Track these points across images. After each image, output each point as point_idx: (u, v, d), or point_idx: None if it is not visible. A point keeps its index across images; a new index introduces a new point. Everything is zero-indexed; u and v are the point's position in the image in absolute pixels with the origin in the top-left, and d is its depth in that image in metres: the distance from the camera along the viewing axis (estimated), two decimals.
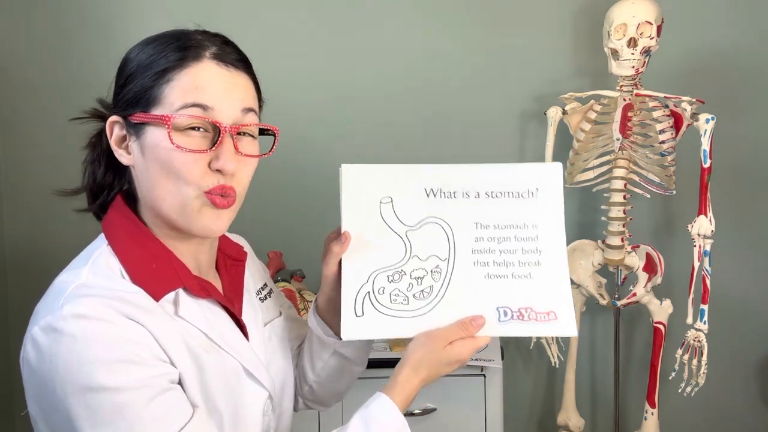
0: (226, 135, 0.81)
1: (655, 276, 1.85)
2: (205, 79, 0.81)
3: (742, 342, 2.20)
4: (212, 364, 0.85)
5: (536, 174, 1.00)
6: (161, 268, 0.84)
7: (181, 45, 0.83)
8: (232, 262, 0.99)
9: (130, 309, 0.78)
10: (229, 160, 0.81)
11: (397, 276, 0.94)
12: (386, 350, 1.70)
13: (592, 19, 2.07)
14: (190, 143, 0.80)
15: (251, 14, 2.09)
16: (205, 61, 0.82)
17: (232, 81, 0.83)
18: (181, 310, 0.84)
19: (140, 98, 0.82)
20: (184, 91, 0.80)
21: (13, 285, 2.12)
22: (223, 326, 0.89)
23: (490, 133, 2.15)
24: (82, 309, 0.75)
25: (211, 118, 0.81)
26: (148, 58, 0.83)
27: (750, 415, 2.23)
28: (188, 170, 0.80)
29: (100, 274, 0.82)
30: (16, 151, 2.10)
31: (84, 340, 0.74)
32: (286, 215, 2.12)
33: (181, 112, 0.80)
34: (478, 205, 0.97)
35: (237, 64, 0.85)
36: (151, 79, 0.82)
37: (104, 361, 0.74)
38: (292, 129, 2.11)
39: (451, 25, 2.12)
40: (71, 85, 2.09)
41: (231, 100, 0.82)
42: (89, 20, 2.08)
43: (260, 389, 0.92)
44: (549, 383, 2.23)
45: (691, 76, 2.11)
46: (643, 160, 1.84)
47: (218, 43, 0.85)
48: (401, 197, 0.98)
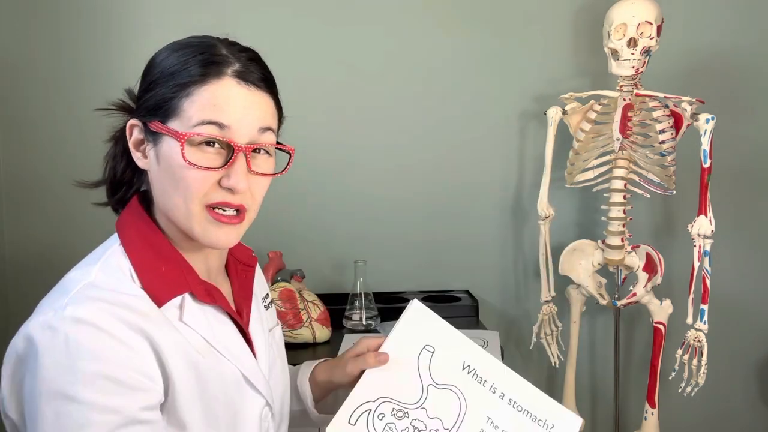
0: (239, 154, 0.82)
1: (655, 276, 1.85)
2: (224, 98, 0.81)
3: (742, 342, 2.20)
4: (211, 370, 0.85)
5: (559, 414, 1.03)
6: (170, 272, 0.85)
7: (206, 59, 0.83)
8: (243, 267, 1.00)
9: (133, 316, 0.78)
10: (241, 180, 0.81)
11: (401, 414, 0.98)
12: None
13: (592, 19, 2.07)
14: (202, 159, 0.81)
15: (253, 16, 2.09)
16: (226, 78, 0.82)
17: (251, 100, 0.83)
18: (185, 316, 0.84)
19: (160, 107, 0.83)
20: (203, 107, 0.81)
21: (13, 285, 2.12)
22: (225, 333, 0.89)
23: (490, 133, 2.15)
24: (83, 313, 0.75)
25: (226, 137, 0.81)
26: (171, 66, 0.83)
27: (750, 415, 2.23)
28: (197, 186, 0.81)
29: (110, 274, 0.82)
30: (17, 151, 2.10)
31: (76, 347, 0.74)
32: (286, 215, 2.12)
33: (197, 129, 0.80)
34: (499, 406, 1.01)
35: (259, 83, 0.85)
36: (172, 91, 0.82)
37: (88, 374, 0.73)
38: (292, 130, 2.12)
39: (451, 25, 2.12)
40: (72, 85, 2.08)
41: (248, 120, 0.82)
42: (93, 19, 2.07)
43: (258, 397, 0.91)
44: (549, 383, 2.23)
45: (691, 76, 2.11)
46: (643, 160, 1.84)
47: (243, 60, 0.85)
48: (442, 355, 1.03)
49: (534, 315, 2.11)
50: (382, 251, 2.15)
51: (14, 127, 2.09)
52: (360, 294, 1.90)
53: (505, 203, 2.17)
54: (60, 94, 2.08)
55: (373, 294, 1.93)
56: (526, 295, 2.20)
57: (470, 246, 2.17)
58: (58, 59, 2.08)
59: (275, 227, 2.11)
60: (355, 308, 1.90)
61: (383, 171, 2.15)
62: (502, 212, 2.17)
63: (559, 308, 2.01)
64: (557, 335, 1.99)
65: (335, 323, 1.87)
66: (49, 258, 2.09)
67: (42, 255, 2.11)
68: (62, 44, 2.08)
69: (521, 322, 2.20)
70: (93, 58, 2.07)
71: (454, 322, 1.91)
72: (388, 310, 1.97)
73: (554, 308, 1.96)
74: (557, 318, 1.98)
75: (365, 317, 1.89)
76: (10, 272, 2.12)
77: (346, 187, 2.15)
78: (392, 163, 2.15)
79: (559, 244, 2.03)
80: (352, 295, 1.91)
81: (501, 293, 2.20)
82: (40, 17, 2.07)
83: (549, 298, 1.96)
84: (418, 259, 2.17)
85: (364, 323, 1.88)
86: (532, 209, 2.13)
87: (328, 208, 2.15)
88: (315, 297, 1.85)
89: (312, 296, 1.85)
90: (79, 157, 2.06)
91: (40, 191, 2.10)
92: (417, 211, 2.16)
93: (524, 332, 2.20)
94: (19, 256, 2.12)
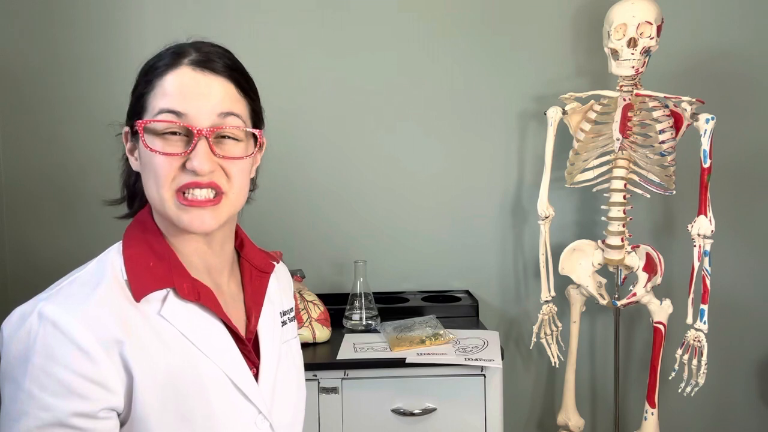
0: (200, 138, 0.83)
1: (655, 276, 1.85)
2: (178, 85, 0.84)
3: (742, 342, 2.20)
4: (184, 366, 0.84)
5: None
6: (158, 267, 0.87)
7: (170, 53, 0.87)
8: (258, 273, 1.00)
9: (104, 316, 0.80)
10: (204, 162, 0.82)
11: None
12: (386, 350, 1.70)
13: (592, 19, 2.07)
14: (165, 146, 0.83)
15: (253, 18, 2.10)
16: (183, 67, 0.85)
17: (207, 85, 0.85)
18: (164, 310, 0.85)
19: (136, 108, 0.87)
20: (161, 96, 0.84)
21: (13, 285, 2.12)
22: (211, 332, 0.88)
23: (490, 133, 2.15)
24: (49, 311, 0.79)
25: (184, 123, 0.83)
26: (145, 69, 0.88)
27: (750, 415, 2.23)
28: (163, 171, 0.83)
29: (100, 269, 0.86)
30: (17, 151, 2.10)
31: (34, 340, 0.77)
32: (286, 215, 2.12)
33: (157, 117, 0.83)
34: None
35: (217, 69, 0.86)
36: (143, 88, 0.87)
37: (35, 368, 0.77)
38: (293, 130, 2.13)
39: (451, 25, 2.12)
40: (73, 86, 2.09)
41: (206, 105, 0.84)
42: (96, 23, 2.07)
43: (247, 404, 0.89)
44: (549, 383, 2.23)
45: (691, 76, 2.11)
46: (643, 160, 1.84)
47: (205, 51, 0.87)
48: None
49: (534, 315, 2.11)
50: (382, 251, 2.15)
51: (15, 130, 2.09)
52: (360, 294, 1.90)
53: (505, 203, 2.17)
54: (63, 95, 2.09)
55: (373, 294, 1.93)
56: (526, 295, 2.20)
57: (470, 246, 2.17)
58: (61, 65, 2.08)
59: (275, 227, 2.11)
60: (355, 308, 1.90)
61: (383, 171, 2.16)
62: (502, 212, 2.17)
63: (559, 308, 2.01)
64: (557, 335, 1.99)
65: (335, 323, 1.87)
66: (50, 261, 2.09)
67: (42, 255, 2.11)
68: (64, 49, 2.08)
69: (521, 322, 2.20)
70: (96, 64, 2.07)
71: (454, 322, 1.94)
72: (388, 310, 1.97)
73: (554, 308, 1.97)
74: (557, 318, 1.98)
75: (365, 317, 1.89)
76: (10, 273, 2.12)
77: (346, 187, 2.15)
78: (392, 164, 2.15)
79: (559, 244, 2.03)
80: (352, 295, 1.91)
81: (501, 293, 2.20)
82: (43, 21, 2.07)
83: (549, 298, 1.96)
84: (418, 259, 2.17)
85: (364, 323, 1.88)
86: (532, 209, 2.13)
87: (328, 208, 2.15)
88: (315, 297, 1.86)
89: (312, 296, 1.85)
90: (81, 163, 2.07)
91: (40, 196, 2.10)
92: (417, 211, 2.17)
93: (524, 332, 2.20)
94: (20, 261, 2.12)
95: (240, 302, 0.97)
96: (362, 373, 1.66)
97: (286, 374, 0.98)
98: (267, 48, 2.10)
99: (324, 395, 1.64)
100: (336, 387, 1.65)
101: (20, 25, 2.07)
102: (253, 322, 0.95)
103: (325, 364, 1.65)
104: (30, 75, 2.08)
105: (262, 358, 0.94)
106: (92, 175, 2.06)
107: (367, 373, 1.66)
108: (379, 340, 1.78)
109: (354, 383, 1.65)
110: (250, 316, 0.95)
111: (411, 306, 2.03)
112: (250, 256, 1.00)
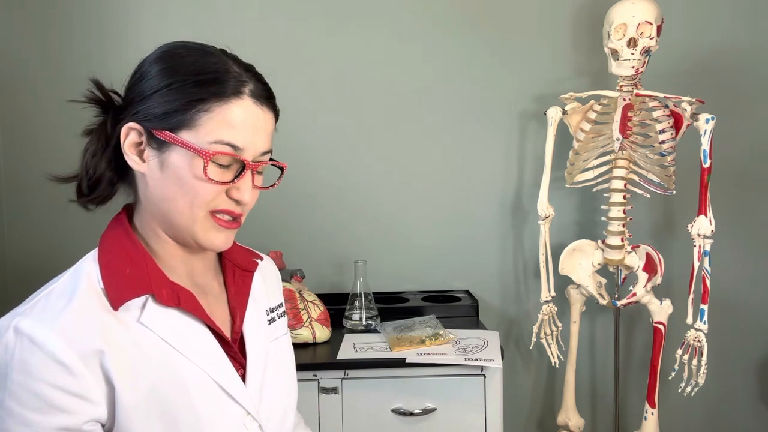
0: (248, 171, 0.86)
1: (655, 276, 1.85)
2: (242, 119, 0.84)
3: (742, 342, 2.20)
4: (167, 372, 0.83)
5: None
6: (134, 274, 0.85)
7: (221, 76, 0.83)
8: (241, 272, 0.99)
9: (80, 327, 0.79)
10: (247, 194, 0.86)
11: None
12: (386, 350, 1.70)
13: (592, 19, 2.07)
14: (217, 174, 0.84)
15: (253, 18, 2.10)
16: (245, 98, 0.84)
17: (263, 121, 0.86)
18: (143, 317, 0.84)
19: (170, 117, 0.82)
20: (221, 126, 0.82)
21: (13, 285, 2.12)
22: (192, 337, 0.87)
23: (490, 133, 2.15)
24: (26, 326, 0.77)
25: (240, 156, 0.84)
26: (181, 76, 0.83)
27: (750, 415, 2.23)
28: (208, 196, 0.84)
29: (75, 280, 0.84)
30: (18, 152, 2.10)
31: (11, 357, 0.76)
32: (286, 215, 2.12)
33: (213, 147, 0.82)
34: None
35: (268, 102, 0.88)
36: (186, 102, 0.82)
37: (15, 384, 0.76)
38: (293, 130, 2.12)
39: (451, 25, 2.12)
40: (73, 87, 2.08)
41: (258, 143, 0.86)
42: (95, 21, 2.07)
43: (234, 406, 0.88)
44: (549, 383, 2.23)
45: (691, 76, 2.11)
46: (643, 160, 1.84)
47: (253, 79, 0.87)
48: None
49: (534, 315, 2.11)
50: (382, 251, 2.15)
51: (15, 131, 2.09)
52: (360, 294, 1.90)
53: (505, 203, 2.17)
54: (60, 97, 2.09)
55: (373, 294, 1.93)
56: (526, 295, 2.20)
57: (470, 246, 2.17)
58: (59, 63, 2.08)
59: (275, 227, 2.11)
60: (355, 308, 1.90)
61: (383, 171, 2.15)
62: (502, 212, 2.17)
63: (559, 308, 2.01)
64: (557, 335, 1.99)
65: (335, 323, 1.87)
66: (49, 263, 2.09)
67: (42, 256, 2.11)
68: (63, 47, 2.08)
69: (521, 322, 2.20)
70: (95, 62, 2.07)
71: (454, 322, 1.94)
72: (388, 310, 1.97)
73: (554, 308, 1.97)
74: (557, 318, 1.98)
75: (365, 317, 1.89)
76: (10, 275, 2.12)
77: (346, 187, 2.15)
78: (392, 163, 2.15)
79: (559, 244, 2.03)
80: (352, 295, 1.91)
81: (501, 293, 2.20)
82: (42, 23, 2.07)
83: (549, 298, 1.96)
84: (418, 259, 2.17)
85: (364, 323, 1.88)
86: (532, 209, 2.13)
87: (328, 208, 2.15)
88: (315, 297, 1.86)
89: (312, 296, 1.85)
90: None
91: (40, 196, 2.10)
92: (417, 211, 2.17)
93: (524, 332, 2.20)
94: (20, 261, 2.12)
95: (224, 303, 0.96)
96: (362, 373, 1.66)
97: (275, 373, 0.97)
98: (267, 48, 2.10)
99: (324, 395, 1.65)
100: (336, 387, 1.65)
101: (19, 26, 2.07)
102: (238, 323, 0.94)
103: (325, 364, 1.65)
104: (30, 75, 2.08)
105: (249, 358, 0.93)
106: None
107: (367, 373, 1.66)
108: (379, 340, 1.78)
109: (354, 383, 1.65)
110: (235, 316, 0.95)
111: (411, 306, 2.03)
112: (233, 255, 0.99)
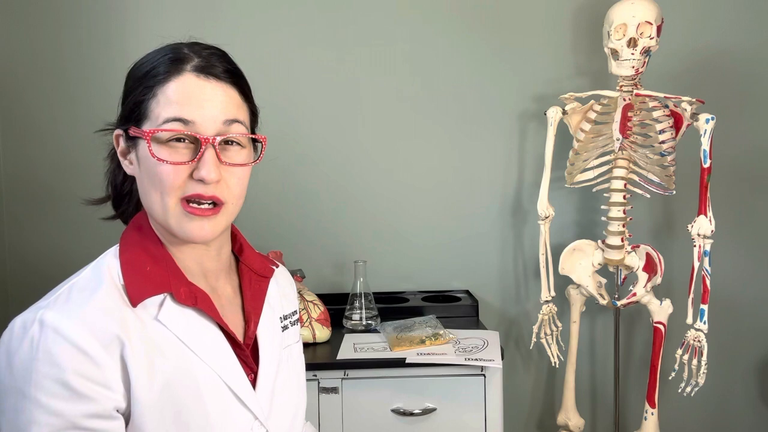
0: (207, 146, 0.83)
1: (655, 276, 1.85)
2: (184, 93, 0.83)
3: (742, 342, 2.20)
4: (181, 371, 0.84)
5: None
6: (155, 272, 0.87)
7: (169, 59, 0.85)
8: (257, 277, 1.00)
9: (102, 320, 0.80)
10: (211, 170, 0.83)
11: None
12: (386, 350, 1.70)
13: (592, 19, 2.07)
14: (172, 155, 0.83)
15: (253, 17, 2.10)
16: (186, 74, 0.84)
17: (212, 93, 0.85)
18: (161, 314, 0.85)
19: (134, 112, 0.86)
20: (166, 104, 0.83)
21: (13, 285, 2.12)
22: (206, 337, 0.88)
23: (490, 133, 2.15)
24: (51, 318, 0.78)
25: (191, 131, 0.83)
26: (142, 73, 0.87)
27: (750, 415, 2.23)
28: (169, 180, 0.83)
29: (96, 275, 0.85)
30: (18, 153, 2.10)
31: (37, 348, 0.77)
32: (286, 215, 2.12)
33: (163, 126, 0.83)
34: None
35: (221, 75, 0.86)
36: (142, 94, 0.85)
37: (40, 375, 0.76)
38: (292, 130, 2.13)
39: (451, 25, 2.13)
40: (74, 88, 2.09)
41: (211, 112, 0.84)
42: (97, 27, 2.08)
43: (243, 410, 0.89)
44: (549, 383, 2.23)
45: (691, 76, 2.11)
46: (643, 160, 1.84)
47: (204, 55, 0.86)
48: None
49: (534, 315, 2.11)
50: (382, 251, 2.15)
51: (16, 134, 2.09)
52: (360, 294, 1.90)
53: (505, 203, 2.17)
54: (63, 98, 2.09)
55: (373, 294, 1.93)
56: (526, 295, 2.20)
57: (470, 246, 2.17)
58: (61, 67, 2.08)
59: (275, 227, 2.11)
60: (355, 308, 1.90)
61: (384, 171, 2.16)
62: (502, 212, 2.17)
63: (559, 308, 2.01)
64: (557, 335, 1.99)
65: (335, 323, 1.87)
66: (50, 265, 2.09)
67: (43, 262, 2.11)
68: (65, 53, 2.08)
69: (521, 322, 2.20)
70: (96, 67, 2.07)
71: (454, 322, 1.94)
72: (388, 310, 1.97)
73: (554, 308, 1.97)
74: (557, 318, 1.98)
75: (365, 317, 1.89)
76: (10, 275, 2.12)
77: (346, 187, 2.15)
78: (392, 163, 2.15)
79: (559, 244, 2.03)
80: (352, 295, 1.91)
81: (501, 293, 2.20)
82: (44, 25, 2.07)
83: (549, 298, 1.96)
84: (418, 259, 2.17)
85: (364, 323, 1.88)
86: (532, 209, 2.13)
87: (328, 208, 2.15)
88: (315, 297, 1.86)
89: (312, 296, 1.85)
90: (81, 166, 2.07)
91: (41, 199, 2.10)
92: (417, 211, 2.17)
93: (524, 332, 2.20)
94: (20, 264, 2.12)
95: (238, 307, 0.96)
96: (362, 373, 1.66)
97: (286, 380, 0.98)
98: (267, 47, 2.10)
99: (324, 395, 1.65)
100: (336, 387, 1.65)
101: (19, 26, 2.07)
102: (252, 327, 0.95)
103: (325, 364, 1.65)
104: (29, 76, 2.08)
105: (261, 364, 0.94)
106: (91, 176, 2.05)
107: (367, 373, 1.66)
108: (379, 340, 1.78)
109: (354, 383, 1.65)
110: (250, 321, 0.95)
111: (411, 306, 2.03)
112: (250, 260, 1.00)
